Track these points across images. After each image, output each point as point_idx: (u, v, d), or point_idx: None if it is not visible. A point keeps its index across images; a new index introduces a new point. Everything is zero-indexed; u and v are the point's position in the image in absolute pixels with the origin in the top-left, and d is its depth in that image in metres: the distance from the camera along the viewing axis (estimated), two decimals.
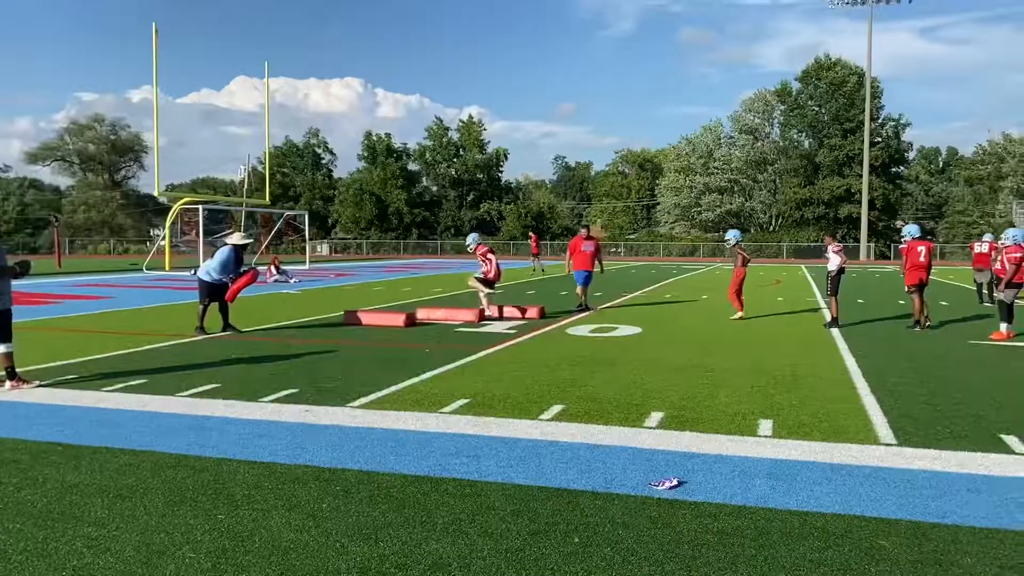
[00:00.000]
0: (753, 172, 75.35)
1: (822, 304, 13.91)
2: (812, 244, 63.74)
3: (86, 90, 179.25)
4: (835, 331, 12.85)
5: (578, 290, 16.41)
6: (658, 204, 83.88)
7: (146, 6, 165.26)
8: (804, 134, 74.45)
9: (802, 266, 44.95)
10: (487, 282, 14.71)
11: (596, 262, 16.33)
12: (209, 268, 12.13)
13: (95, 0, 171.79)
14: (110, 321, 14.34)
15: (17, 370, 8.01)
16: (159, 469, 5.22)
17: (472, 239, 15.75)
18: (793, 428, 6.37)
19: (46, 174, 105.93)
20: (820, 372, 8.99)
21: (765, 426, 6.43)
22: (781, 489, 4.86)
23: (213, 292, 12.08)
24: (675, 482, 4.92)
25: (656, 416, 6.73)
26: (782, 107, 75.01)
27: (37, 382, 8.05)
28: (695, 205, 76.80)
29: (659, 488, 4.84)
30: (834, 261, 13.75)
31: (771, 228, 75.35)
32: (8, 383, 7.80)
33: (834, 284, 13.73)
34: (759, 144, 75.80)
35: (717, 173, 75.35)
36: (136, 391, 7.72)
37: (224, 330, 12.18)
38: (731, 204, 75.34)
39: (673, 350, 10.61)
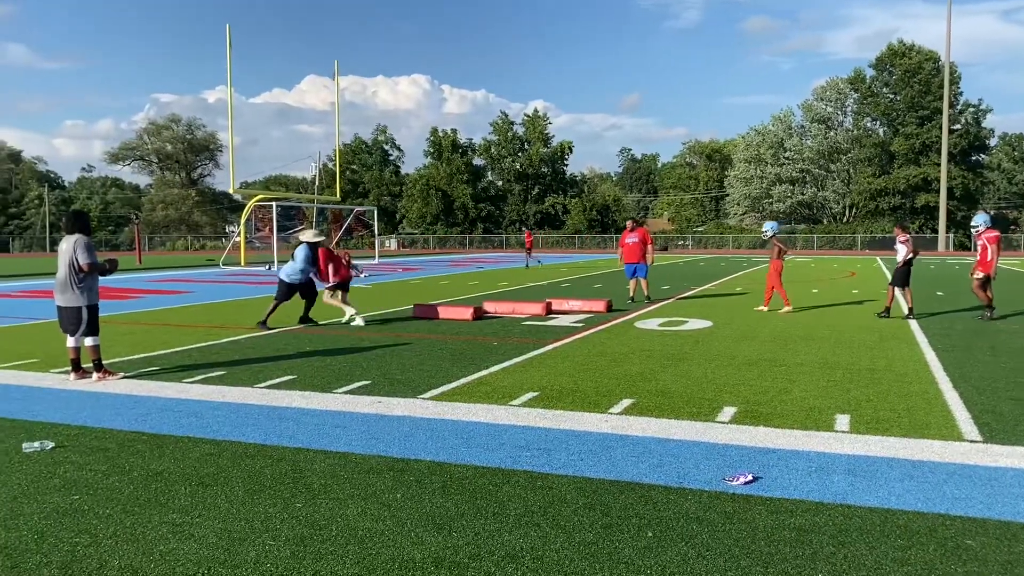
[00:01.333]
0: (825, 162, 73.58)
1: (898, 296, 13.50)
2: (887, 235, 61.89)
3: (164, 91, 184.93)
4: (913, 324, 12.46)
5: (630, 284, 16.52)
6: (727, 195, 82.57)
7: (220, 8, 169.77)
8: (878, 122, 72.37)
9: (877, 258, 43.72)
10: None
11: (645, 253, 16.27)
12: (290, 270, 12.37)
13: (172, 4, 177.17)
14: (189, 315, 14.80)
15: (104, 362, 8.32)
16: (239, 458, 5.37)
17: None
18: (871, 423, 6.20)
19: (126, 173, 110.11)
20: (898, 366, 8.74)
21: (842, 421, 6.27)
22: (860, 486, 4.74)
23: (291, 293, 12.35)
24: (750, 477, 4.85)
25: (729, 411, 6.63)
26: (855, 95, 73.03)
27: (122, 373, 8.36)
28: (765, 196, 75.39)
29: (733, 483, 4.77)
30: (901, 252, 13.48)
31: (845, 219, 73.47)
32: (95, 374, 8.11)
33: (901, 275, 13.42)
34: (832, 133, 73.93)
35: (788, 163, 73.81)
36: (215, 382, 7.96)
37: (301, 322, 12.47)
38: (803, 195, 73.74)
39: (745, 344, 10.43)
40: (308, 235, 12.80)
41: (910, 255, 13.41)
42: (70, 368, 8.15)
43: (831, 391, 7.42)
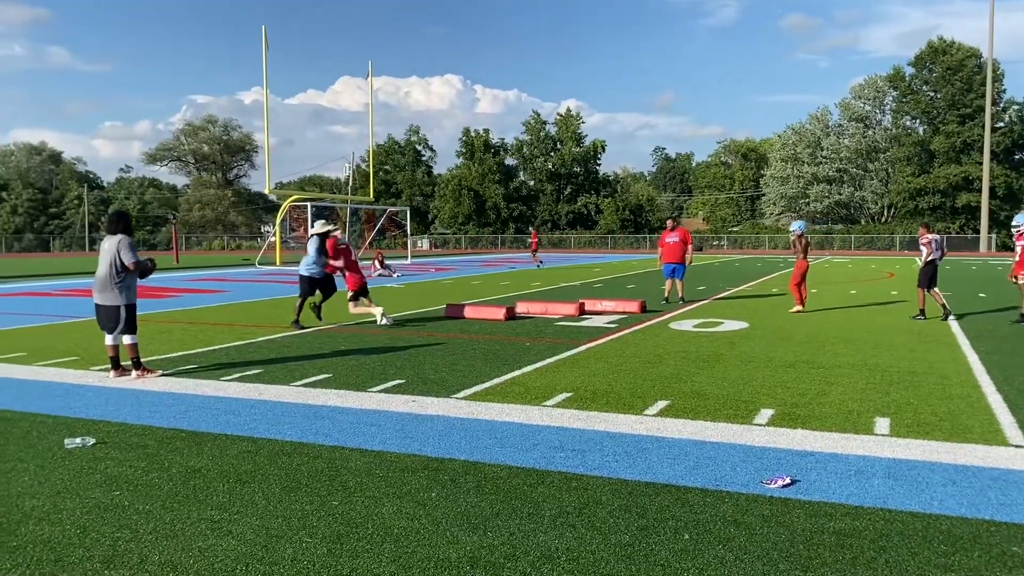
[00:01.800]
0: (863, 161, 72.56)
1: (929, 296, 13.34)
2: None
3: (201, 93, 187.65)
4: (954, 326, 12.23)
5: (666, 284, 16.45)
6: (763, 195, 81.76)
7: (256, 10, 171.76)
8: (918, 121, 71.17)
9: (916, 258, 42.98)
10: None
11: (685, 253, 16.18)
12: (307, 263, 12.56)
13: (209, 7, 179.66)
14: (226, 314, 14.98)
15: (142, 360, 8.45)
16: (276, 456, 5.41)
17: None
18: (912, 427, 6.09)
19: (163, 174, 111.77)
20: (940, 368, 8.58)
21: (882, 424, 6.17)
22: (901, 490, 4.65)
23: (313, 286, 12.52)
24: (787, 480, 4.78)
25: (766, 413, 6.56)
26: (894, 93, 71.89)
27: (160, 371, 8.48)
28: (802, 196, 74.55)
29: (771, 486, 4.71)
30: (924, 252, 13.46)
31: (883, 219, 72.38)
32: (134, 372, 8.24)
33: (926, 276, 13.33)
34: (870, 132, 72.87)
35: (825, 162, 72.88)
36: (252, 380, 8.04)
37: (312, 310, 12.66)
38: (840, 194, 72.77)
39: (782, 346, 10.31)
40: (317, 226, 13.00)
41: (931, 256, 13.33)
42: (109, 366, 8.29)
43: (870, 394, 7.31)
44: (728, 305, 16.12)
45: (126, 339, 8.21)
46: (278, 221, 41.50)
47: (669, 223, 16.76)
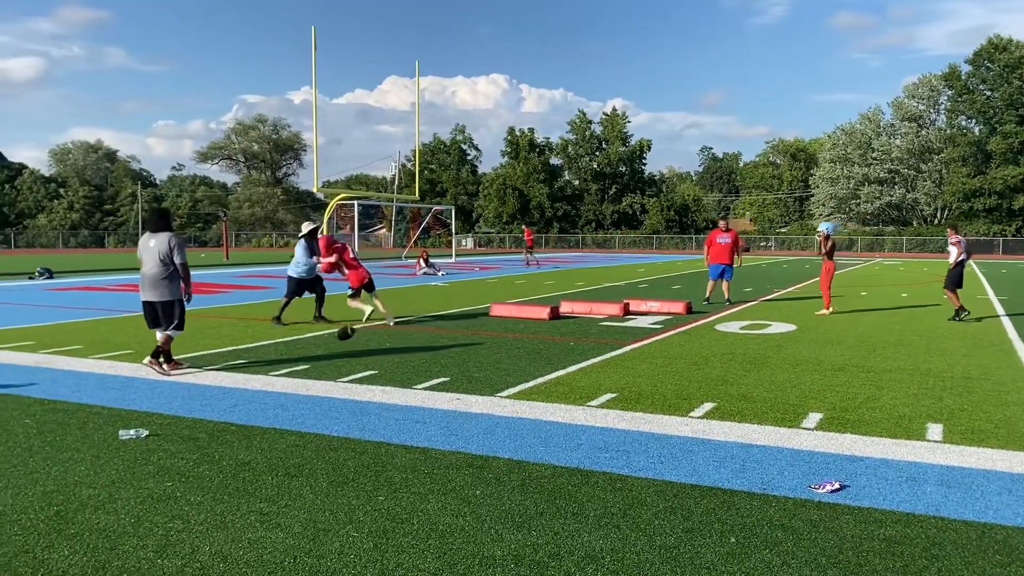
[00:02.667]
0: (916, 161, 70.98)
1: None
2: (982, 238, 59.45)
3: (252, 93, 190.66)
4: (1011, 332, 11.92)
5: (709, 284, 16.28)
6: (812, 196, 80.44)
7: (306, 12, 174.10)
8: (974, 120, 69.38)
9: (971, 261, 41.93)
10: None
11: (734, 255, 15.98)
12: (294, 264, 12.82)
13: (260, 8, 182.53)
14: (274, 310, 15.17)
15: (193, 354, 8.61)
16: (323, 451, 5.49)
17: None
18: (966, 434, 5.95)
19: (214, 172, 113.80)
20: (995, 374, 8.36)
21: (934, 430, 6.04)
22: (955, 498, 4.55)
23: (301, 287, 12.76)
24: (836, 485, 4.71)
25: (814, 417, 6.46)
26: (949, 92, 70.18)
27: (188, 365, 8.60)
28: (852, 197, 73.18)
29: (819, 491, 4.64)
30: (953, 254, 13.50)
31: (936, 221, 70.75)
32: (164, 366, 8.32)
33: (953, 278, 13.40)
34: (923, 132, 71.26)
35: (876, 163, 71.45)
36: (300, 376, 8.16)
37: (316, 320, 12.80)
38: (891, 196, 71.29)
39: (830, 349, 10.15)
40: (304, 228, 13.15)
41: (961, 256, 13.28)
42: (162, 360, 8.46)
43: (922, 399, 7.16)
44: (775, 307, 15.90)
45: (169, 331, 8.34)
46: (325, 219, 42.00)
47: (722, 223, 16.52)
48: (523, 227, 40.28)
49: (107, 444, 5.65)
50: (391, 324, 12.41)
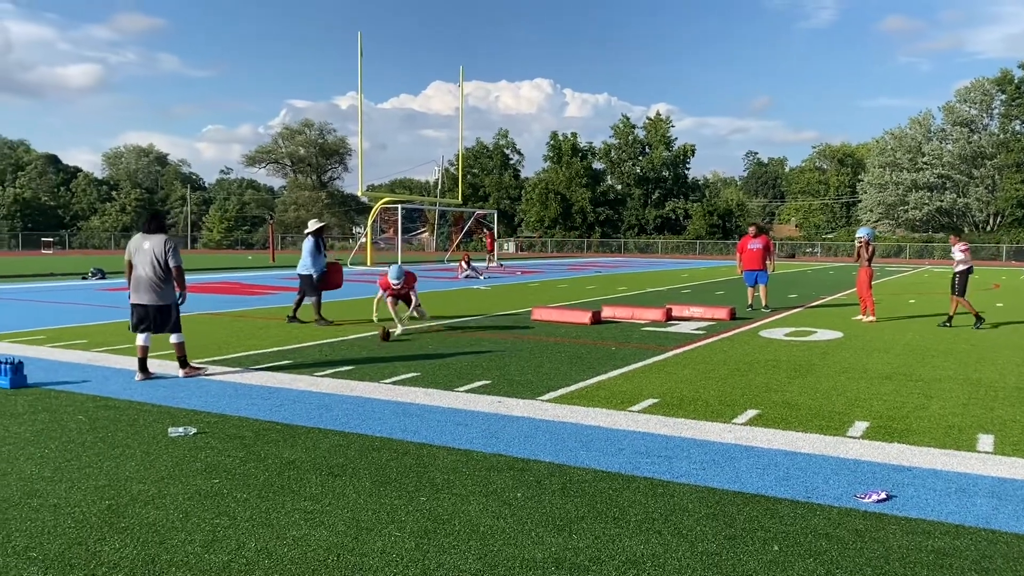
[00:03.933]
0: (968, 167, 69.39)
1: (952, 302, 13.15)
2: None
3: (299, 98, 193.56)
4: None
5: (748, 291, 16.11)
6: (859, 202, 79.08)
7: (354, 18, 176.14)
8: None
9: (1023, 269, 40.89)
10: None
11: (767, 261, 15.79)
12: (302, 262, 13.11)
13: (307, 15, 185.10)
14: (314, 312, 15.36)
15: (244, 355, 8.74)
16: (366, 451, 5.55)
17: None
18: (1019, 445, 5.81)
19: (261, 175, 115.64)
20: None
21: (985, 441, 5.91)
22: (1006, 510, 4.45)
23: (315, 283, 13.07)
24: (883, 495, 4.63)
25: (860, 425, 6.36)
26: (1002, 96, 68.48)
27: (209, 367, 8.70)
28: (901, 203, 71.78)
29: (865, 500, 4.57)
30: (960, 260, 13.43)
31: (988, 228, 69.07)
32: (181, 371, 8.35)
33: (964, 284, 13.34)
34: (975, 137, 69.65)
35: (926, 168, 70.01)
36: (344, 377, 8.25)
37: (289, 320, 13.05)
38: (942, 202, 69.78)
39: (877, 357, 9.97)
40: (311, 225, 13.47)
41: (968, 263, 13.39)
42: (137, 368, 8.23)
43: (972, 409, 7.00)
44: (821, 314, 15.67)
45: (173, 338, 8.33)
46: (369, 222, 42.41)
47: (752, 229, 16.37)
48: (485, 230, 40.09)
49: (156, 441, 5.77)
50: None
